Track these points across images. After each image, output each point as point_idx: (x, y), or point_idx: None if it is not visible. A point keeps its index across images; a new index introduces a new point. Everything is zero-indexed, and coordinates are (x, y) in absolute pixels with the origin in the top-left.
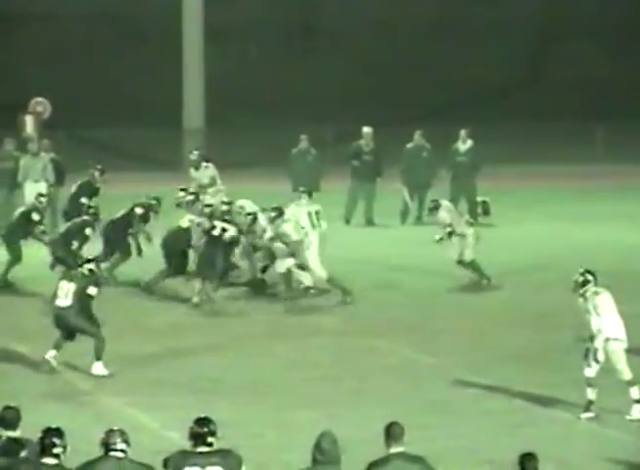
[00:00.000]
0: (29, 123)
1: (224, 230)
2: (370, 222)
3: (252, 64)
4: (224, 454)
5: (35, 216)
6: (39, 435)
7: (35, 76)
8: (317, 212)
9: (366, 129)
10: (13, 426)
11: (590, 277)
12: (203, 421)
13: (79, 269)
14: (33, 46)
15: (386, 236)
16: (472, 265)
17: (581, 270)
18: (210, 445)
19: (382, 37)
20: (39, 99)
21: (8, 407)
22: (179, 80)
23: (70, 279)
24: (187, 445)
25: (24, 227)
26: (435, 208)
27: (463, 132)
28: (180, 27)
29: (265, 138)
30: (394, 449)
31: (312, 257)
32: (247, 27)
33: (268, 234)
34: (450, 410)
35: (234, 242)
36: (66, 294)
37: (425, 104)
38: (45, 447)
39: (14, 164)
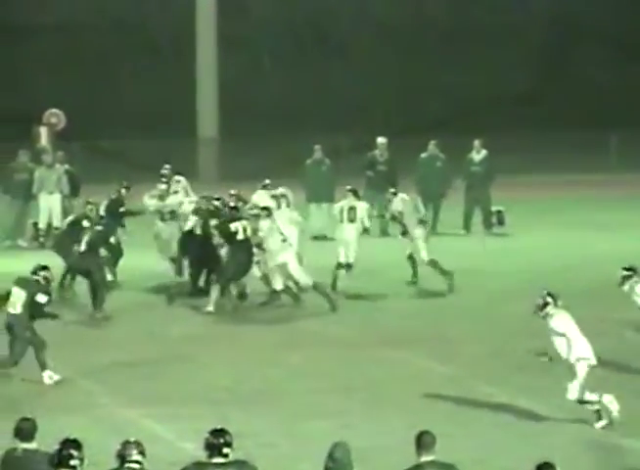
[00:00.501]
0: (44, 135)
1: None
2: (384, 232)
3: (266, 73)
4: (239, 465)
5: (86, 224)
6: (56, 446)
7: (49, 88)
8: (351, 208)
9: (380, 139)
10: (29, 438)
11: (550, 299)
12: (218, 432)
13: (33, 276)
14: (47, 57)
15: (400, 246)
16: (432, 265)
17: (544, 293)
18: (226, 455)
19: (395, 47)
20: (53, 110)
21: (24, 419)
22: (193, 90)
23: (23, 286)
24: (202, 455)
25: (74, 235)
26: (394, 194)
27: (477, 142)
28: (194, 37)
29: (279, 148)
30: (425, 458)
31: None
32: (260, 37)
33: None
34: (464, 420)
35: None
36: (15, 302)
37: (439, 113)
38: (62, 459)
39: (28, 176)
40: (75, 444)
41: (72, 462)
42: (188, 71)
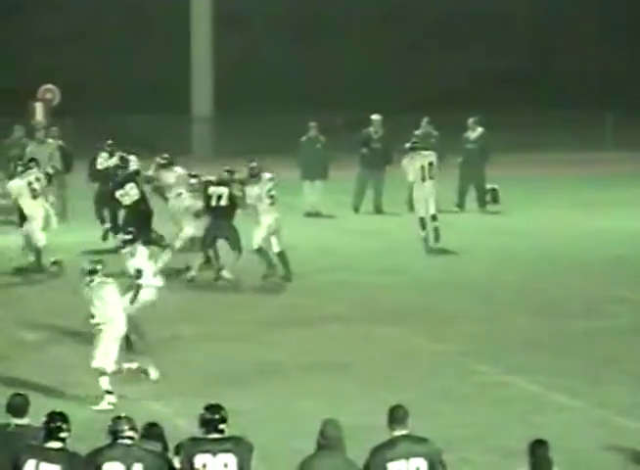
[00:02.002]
0: (39, 110)
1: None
2: (379, 210)
3: (261, 50)
4: (236, 441)
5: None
6: (44, 418)
7: (44, 63)
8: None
9: (375, 117)
10: (21, 413)
11: (99, 267)
12: (213, 408)
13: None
14: (42, 33)
15: (394, 224)
16: (259, 254)
17: (92, 259)
18: (222, 431)
19: (390, 25)
20: (48, 86)
21: (16, 394)
22: (188, 67)
23: None
24: (196, 432)
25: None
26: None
27: (472, 120)
28: (189, 14)
29: (274, 126)
30: (399, 432)
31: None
32: (256, 14)
33: None
34: (459, 398)
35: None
36: None
37: (435, 91)
38: (50, 431)
39: (22, 152)
40: (62, 416)
41: (62, 434)
42: (183, 48)
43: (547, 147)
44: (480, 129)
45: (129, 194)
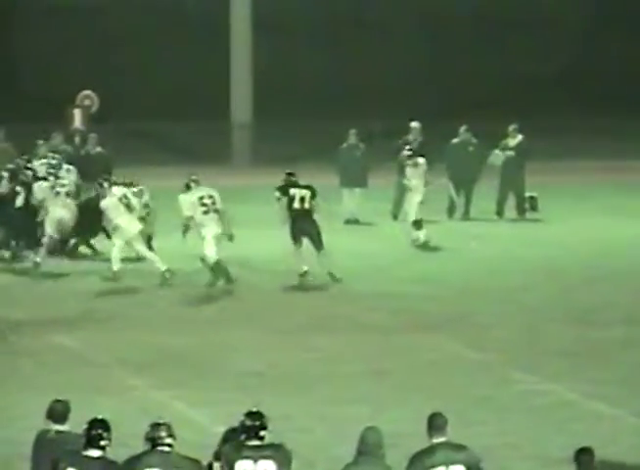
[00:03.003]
0: (77, 117)
1: None
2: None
3: (300, 56)
4: (276, 448)
5: None
6: (85, 426)
7: (83, 69)
8: (211, 197)
9: (414, 124)
10: (61, 419)
11: None
12: (254, 414)
13: None
14: (81, 39)
15: (433, 231)
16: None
17: None
18: (262, 438)
19: (431, 30)
20: (87, 92)
21: (57, 401)
22: (227, 73)
23: None
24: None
25: None
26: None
27: (512, 127)
28: (228, 19)
29: (314, 132)
30: (438, 440)
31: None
32: (295, 20)
33: None
34: (498, 406)
35: None
36: None
37: (475, 97)
38: (91, 439)
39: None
40: (104, 423)
41: (102, 443)
42: (222, 54)
43: (586, 154)
44: (519, 137)
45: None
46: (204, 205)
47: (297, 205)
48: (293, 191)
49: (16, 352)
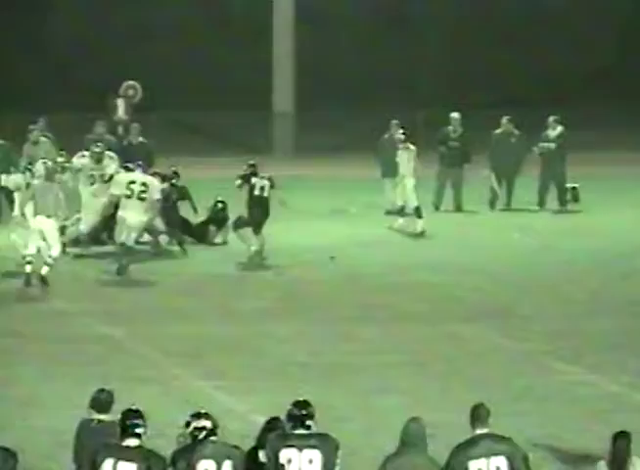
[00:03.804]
0: (120, 107)
1: None
2: (459, 208)
3: (343, 47)
4: (322, 438)
5: None
6: (119, 416)
7: (126, 60)
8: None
9: (454, 115)
10: (105, 409)
11: None
12: (301, 403)
13: None
14: (125, 29)
15: (474, 222)
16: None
17: None
18: (309, 427)
19: (473, 21)
20: (130, 83)
21: (101, 390)
22: (269, 63)
23: None
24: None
25: None
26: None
27: (552, 119)
28: (271, 9)
29: (356, 123)
30: (480, 431)
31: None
32: (338, 10)
33: None
34: (540, 397)
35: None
36: None
37: (517, 88)
38: (126, 428)
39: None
40: (138, 413)
41: (138, 430)
42: (265, 44)
43: (630, 145)
44: (560, 128)
45: None
46: (130, 189)
47: (257, 192)
48: (254, 180)
49: (59, 342)
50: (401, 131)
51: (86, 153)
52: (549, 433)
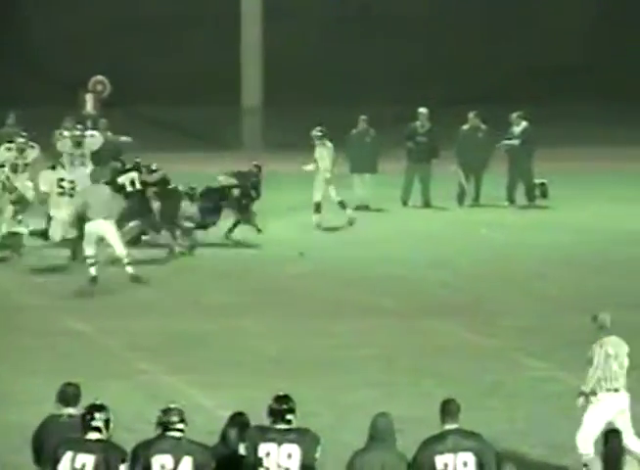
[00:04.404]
0: (89, 102)
1: None
2: (427, 204)
3: (311, 42)
4: (302, 433)
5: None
6: (83, 411)
7: (95, 55)
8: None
9: (421, 110)
10: (74, 403)
11: None
12: (281, 398)
13: None
14: (94, 25)
15: (443, 218)
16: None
17: None
18: (289, 422)
19: (443, 18)
20: (99, 78)
21: (69, 384)
22: (237, 58)
23: None
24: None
25: None
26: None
27: (515, 115)
28: (239, 4)
29: (324, 118)
30: (450, 426)
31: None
32: (307, 4)
33: None
34: (508, 393)
35: None
36: None
37: (485, 84)
38: (88, 423)
39: None
40: (99, 407)
41: (99, 424)
42: (233, 39)
43: (599, 141)
44: (524, 123)
45: None
46: (61, 186)
47: (129, 188)
48: (122, 179)
49: (29, 337)
50: (319, 128)
51: (10, 145)
52: (518, 429)
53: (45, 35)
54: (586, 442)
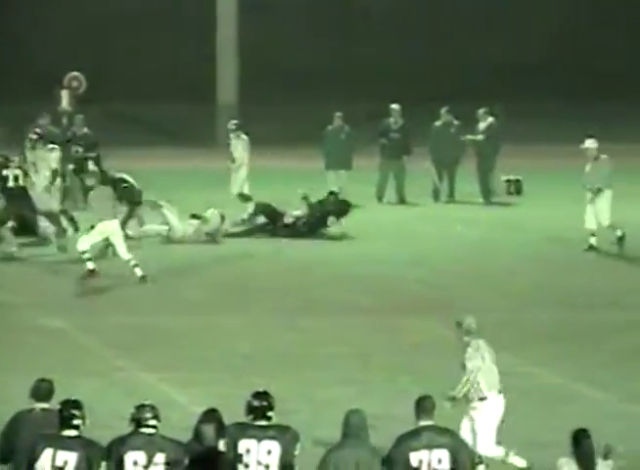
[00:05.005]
0: (65, 98)
1: None
2: (402, 200)
3: (287, 38)
4: (281, 430)
5: None
6: (58, 407)
7: (71, 51)
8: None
9: (394, 106)
10: (47, 398)
11: None
12: (261, 395)
13: None
14: (69, 20)
15: (417, 214)
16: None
17: None
18: (269, 418)
19: (416, 15)
20: (74, 74)
21: (42, 380)
22: (213, 56)
23: None
24: None
25: None
26: None
27: (481, 111)
28: (214, 1)
29: (300, 115)
30: (424, 422)
31: None
32: (282, 1)
33: None
34: None
35: None
36: None
37: (459, 81)
38: (64, 420)
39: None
40: (76, 403)
41: (75, 422)
42: (208, 37)
43: (570, 138)
44: (490, 119)
45: None
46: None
47: (11, 183)
48: (5, 172)
49: (1, 333)
50: (234, 121)
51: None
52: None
53: (20, 30)
54: (492, 447)
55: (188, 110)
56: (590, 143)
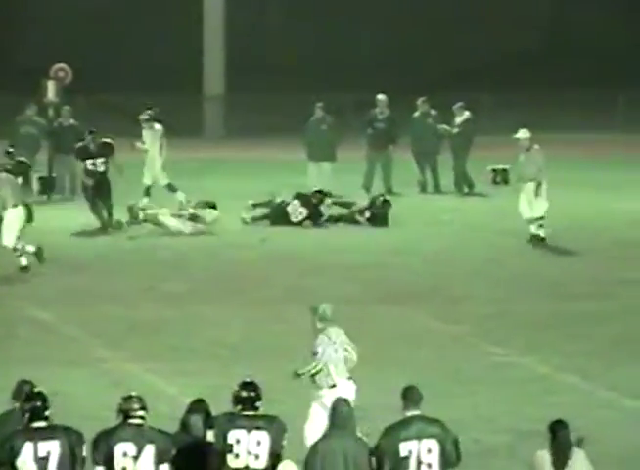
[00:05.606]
0: (51, 89)
1: None
2: (389, 191)
3: (274, 29)
4: (270, 420)
5: None
6: (24, 401)
7: (56, 42)
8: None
9: (380, 96)
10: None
11: None
12: (249, 385)
13: None
14: (55, 11)
15: (404, 204)
16: None
17: None
18: (257, 409)
19: (405, 6)
20: (61, 65)
21: (25, 382)
22: (199, 46)
23: None
24: None
25: None
26: None
27: (457, 105)
28: None
29: (286, 105)
30: (412, 413)
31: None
32: None
33: None
34: (470, 379)
35: None
36: None
37: (445, 71)
38: (36, 412)
39: (34, 130)
40: (42, 395)
41: (47, 413)
42: (195, 27)
43: (558, 127)
44: (466, 113)
45: None
46: None
47: None
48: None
49: None
50: (147, 111)
51: None
52: (480, 415)
53: (5, 22)
54: None
55: (174, 100)
56: (522, 133)
